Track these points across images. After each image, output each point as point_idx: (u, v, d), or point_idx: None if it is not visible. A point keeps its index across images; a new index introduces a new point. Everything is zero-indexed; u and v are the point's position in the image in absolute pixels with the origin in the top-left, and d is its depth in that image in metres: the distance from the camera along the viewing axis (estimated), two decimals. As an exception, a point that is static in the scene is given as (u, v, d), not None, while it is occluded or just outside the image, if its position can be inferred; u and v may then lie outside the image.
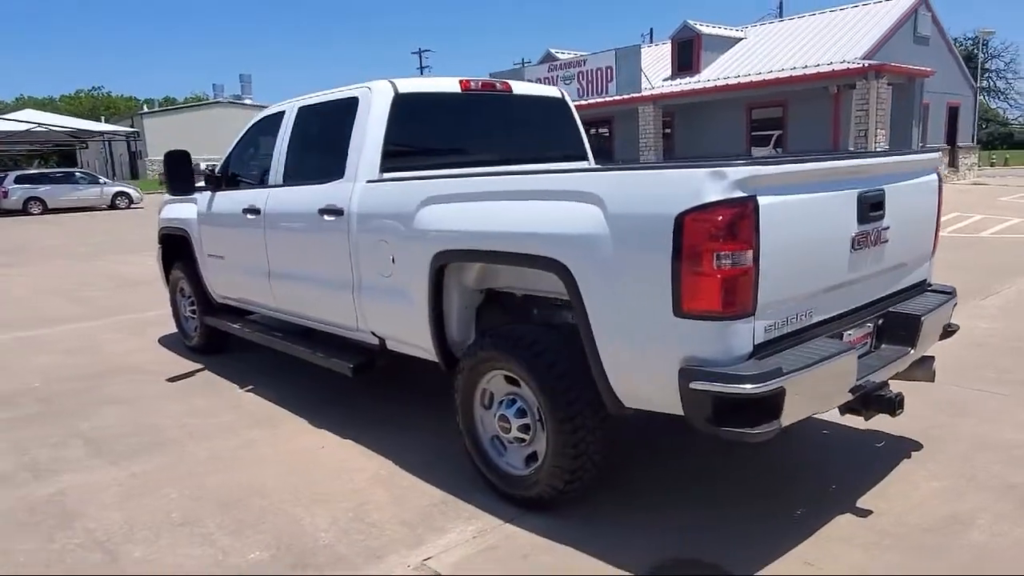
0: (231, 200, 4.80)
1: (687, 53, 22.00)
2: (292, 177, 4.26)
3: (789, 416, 2.30)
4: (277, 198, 4.29)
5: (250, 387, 4.81)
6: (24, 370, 5.49)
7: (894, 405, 2.72)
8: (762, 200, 2.23)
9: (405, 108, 3.75)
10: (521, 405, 2.93)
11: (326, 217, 3.78)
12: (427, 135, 3.98)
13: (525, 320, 3.30)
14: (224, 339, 5.65)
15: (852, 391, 2.61)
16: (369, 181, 3.60)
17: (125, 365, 5.49)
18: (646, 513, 2.90)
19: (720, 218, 2.19)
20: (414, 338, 3.43)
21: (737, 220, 2.19)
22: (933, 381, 3.23)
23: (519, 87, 4.36)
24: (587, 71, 21.79)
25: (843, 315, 2.74)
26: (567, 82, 22.26)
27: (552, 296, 3.09)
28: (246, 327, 4.91)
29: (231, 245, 4.84)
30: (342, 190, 3.70)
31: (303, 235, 4.05)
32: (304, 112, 4.29)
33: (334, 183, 3.77)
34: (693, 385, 2.26)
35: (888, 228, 2.84)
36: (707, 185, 2.21)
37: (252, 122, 4.94)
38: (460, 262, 3.12)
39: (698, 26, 22.14)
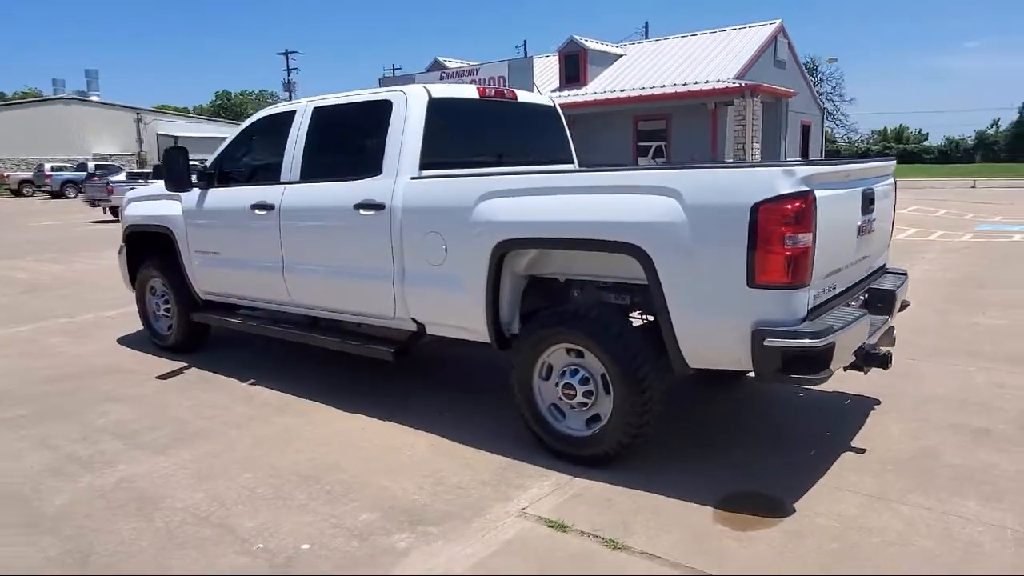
0: (231, 197, 4.86)
1: (574, 66, 23.18)
2: (312, 174, 4.42)
3: (835, 366, 2.88)
4: (296, 194, 4.44)
5: (251, 380, 4.88)
6: (3, 372, 5.23)
7: (887, 361, 3.38)
8: (817, 193, 2.80)
9: (437, 111, 4.06)
10: (584, 374, 3.35)
11: (362, 211, 4.01)
12: (452, 136, 4.29)
13: (564, 303, 3.72)
14: (202, 337, 5.64)
15: (858, 350, 3.25)
16: (412, 178, 3.88)
17: (101, 366, 5.33)
18: (693, 461, 3.40)
19: (789, 207, 2.73)
20: (464, 321, 3.75)
21: (802, 209, 2.75)
22: (894, 346, 3.97)
23: (522, 95, 4.79)
24: (479, 80, 22.34)
25: (848, 289, 3.39)
26: (460, 90, 22.73)
27: (600, 279, 3.54)
28: (250, 321, 4.98)
29: (230, 241, 4.89)
30: (382, 186, 3.95)
31: (333, 229, 4.23)
32: (322, 112, 4.47)
33: (371, 179, 4.01)
34: (767, 343, 2.79)
35: (875, 220, 3.54)
36: (779, 181, 2.75)
37: (249, 122, 5.01)
38: (519, 250, 3.49)
39: (584, 41, 23.38)
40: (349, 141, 4.41)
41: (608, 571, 2.54)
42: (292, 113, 4.64)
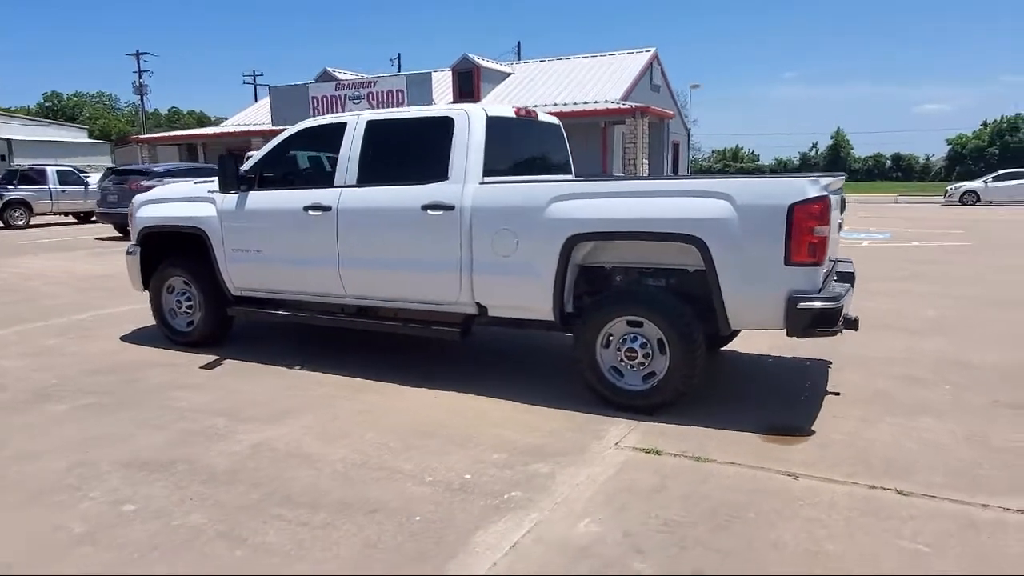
0: (277, 199, 5.30)
1: (468, 82, 24.13)
2: (370, 179, 4.99)
3: (839, 323, 3.94)
4: (355, 197, 4.98)
5: (298, 367, 5.33)
6: (18, 369, 5.27)
7: (856, 324, 4.50)
8: (831, 197, 3.86)
9: (492, 127, 4.81)
10: (643, 340, 4.22)
11: (431, 212, 4.67)
12: (498, 148, 5.02)
13: (607, 287, 4.57)
14: (225, 331, 5.96)
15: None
16: (481, 183, 4.60)
17: (131, 361, 5.54)
18: (720, 407, 4.35)
19: (816, 207, 3.76)
20: (531, 302, 4.51)
21: (823, 208, 3.78)
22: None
23: (541, 116, 5.60)
24: (377, 92, 22.75)
25: (831, 270, 4.50)
26: (356, 102, 23.00)
27: (643, 266, 4.43)
28: (299, 313, 5.43)
29: (276, 240, 5.31)
30: (451, 190, 4.64)
31: (399, 228, 4.83)
32: (378, 125, 5.05)
33: (439, 184, 4.68)
34: (800, 306, 3.80)
35: (840, 221, 4.69)
36: (809, 187, 3.78)
37: (290, 133, 5.45)
38: (586, 242, 4.31)
39: (477, 59, 24.41)
40: (409, 151, 5.02)
41: (708, 475, 3.41)
42: (342, 125, 5.18)
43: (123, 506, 3.15)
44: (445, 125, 4.78)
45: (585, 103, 21.05)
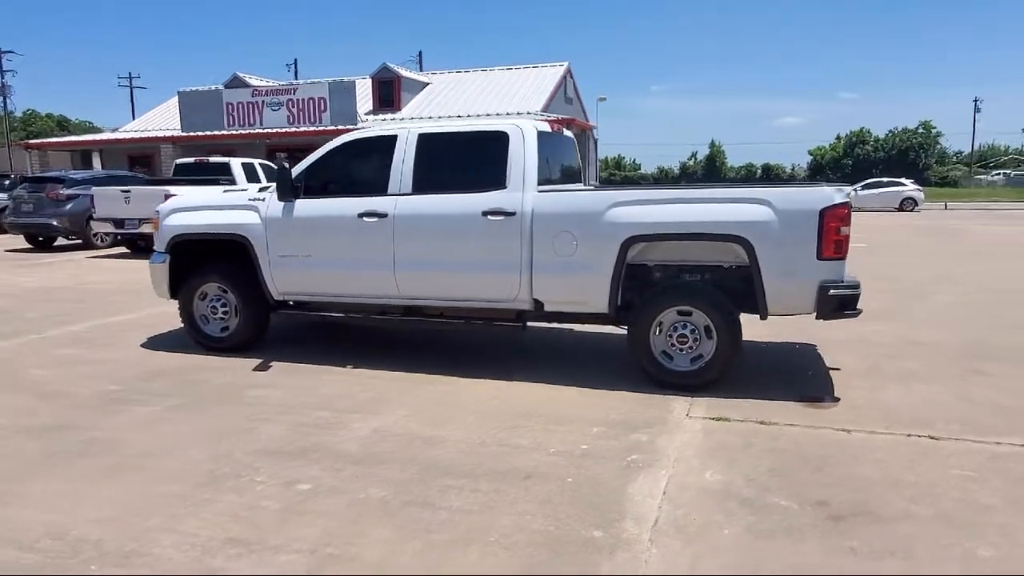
0: (328, 206, 5.59)
1: (388, 91, 24.29)
2: (426, 188, 5.38)
3: (858, 306, 4.75)
4: (411, 204, 5.36)
5: (351, 366, 5.62)
6: (61, 377, 5.26)
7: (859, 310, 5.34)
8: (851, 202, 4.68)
9: (540, 140, 5.35)
10: (692, 327, 4.88)
11: (491, 218, 5.14)
12: (542, 159, 5.54)
13: (649, 282, 5.21)
14: (261, 336, 6.13)
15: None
16: (540, 191, 5.13)
17: (182, 365, 5.64)
18: (752, 385, 5.07)
19: (842, 211, 4.55)
20: (588, 297, 5.06)
21: (847, 212, 4.58)
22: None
23: (565, 130, 6.18)
24: (298, 100, 22.47)
25: None
26: (275, 108, 22.62)
27: (685, 263, 5.09)
28: (354, 314, 5.72)
29: (327, 245, 5.59)
30: (510, 197, 5.13)
31: (459, 232, 5.24)
32: (431, 138, 5.46)
33: (498, 192, 5.16)
34: (830, 293, 4.57)
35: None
36: (836, 195, 4.57)
37: (337, 144, 5.73)
38: (641, 243, 4.92)
39: (397, 69, 24.61)
40: (464, 162, 5.45)
41: (778, 434, 4.10)
42: (393, 137, 5.54)
43: (297, 486, 3.44)
44: (499, 139, 5.27)
45: (507, 113, 21.80)
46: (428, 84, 26.11)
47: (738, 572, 2.68)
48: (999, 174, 69.11)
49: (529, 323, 5.44)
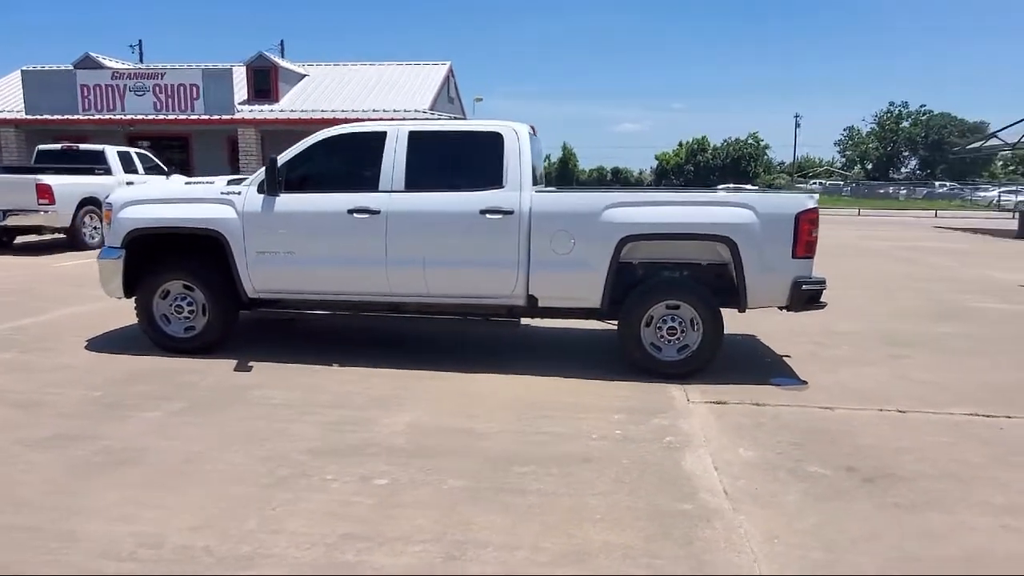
0: (314, 202, 5.48)
1: (264, 81, 23.14)
2: (419, 185, 5.42)
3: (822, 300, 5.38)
4: (405, 201, 5.38)
5: (335, 365, 5.53)
6: (25, 385, 4.78)
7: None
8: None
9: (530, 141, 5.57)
10: (679, 319, 5.31)
11: (489, 216, 5.29)
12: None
13: (635, 279, 5.58)
14: (227, 336, 5.86)
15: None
16: (537, 191, 5.34)
17: (156, 368, 5.30)
18: (728, 371, 5.58)
19: (813, 215, 5.15)
20: (583, 294, 5.34)
21: (816, 216, 5.19)
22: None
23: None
24: (166, 85, 20.84)
25: None
26: (140, 93, 20.86)
27: (663, 261, 5.50)
28: (334, 311, 5.62)
29: (313, 242, 5.47)
30: (509, 196, 5.30)
31: (456, 230, 5.33)
32: (422, 136, 5.50)
33: (495, 191, 5.32)
34: (803, 287, 5.16)
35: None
36: (808, 201, 5.16)
37: (320, 139, 5.60)
38: (635, 242, 5.27)
39: (273, 58, 23.50)
40: (458, 160, 5.54)
41: (777, 414, 4.59)
42: (382, 133, 5.53)
43: (374, 481, 3.45)
44: (494, 139, 5.43)
45: (395, 111, 21.57)
46: (306, 75, 25.19)
47: (822, 528, 3.07)
48: (816, 183, 77.11)
49: (510, 318, 5.62)
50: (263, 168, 5.56)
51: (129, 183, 14.19)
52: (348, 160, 5.69)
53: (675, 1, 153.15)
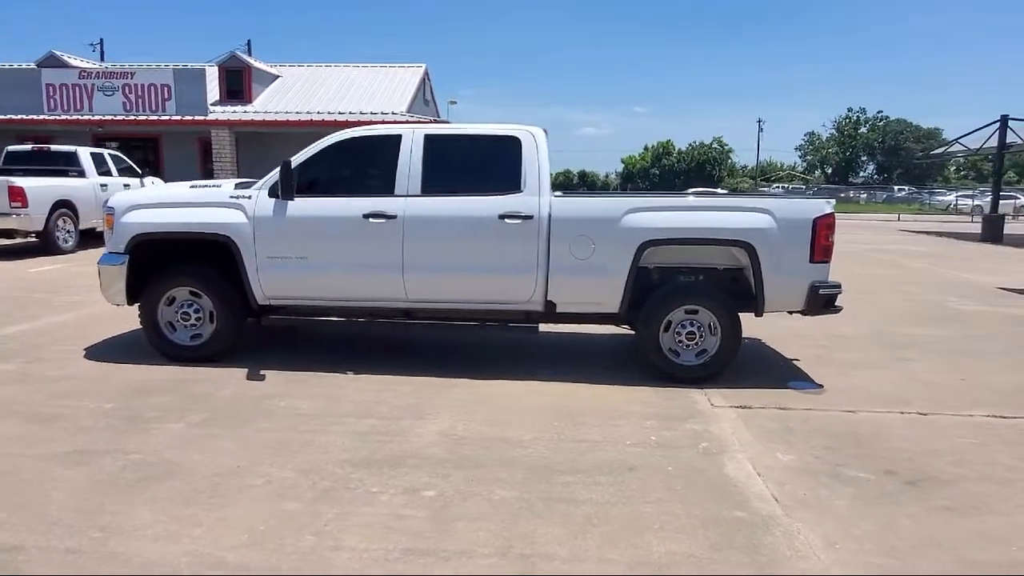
0: (329, 207, 5.36)
1: (238, 82, 22.69)
2: (436, 190, 5.34)
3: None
4: (422, 206, 5.30)
5: (350, 373, 5.41)
6: (32, 397, 4.58)
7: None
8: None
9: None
10: (698, 324, 5.31)
11: (508, 220, 5.24)
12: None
13: (651, 284, 5.57)
14: (236, 343, 5.70)
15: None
16: (555, 195, 5.30)
17: (167, 377, 5.11)
18: (743, 373, 5.61)
19: (830, 220, 5.20)
20: (603, 298, 5.32)
21: (832, 220, 5.24)
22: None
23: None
24: (136, 85, 20.30)
25: None
26: (109, 93, 20.26)
27: (678, 265, 5.51)
28: (346, 317, 5.49)
29: (328, 247, 5.35)
30: (528, 201, 5.26)
31: (475, 235, 5.26)
32: (439, 140, 5.43)
33: (514, 196, 5.27)
34: (820, 291, 5.21)
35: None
36: (825, 206, 5.21)
37: (332, 142, 5.48)
38: (654, 247, 5.26)
39: (247, 58, 23.08)
40: (475, 165, 5.47)
41: (805, 417, 4.62)
42: (397, 137, 5.44)
43: (422, 493, 3.38)
44: (512, 143, 5.38)
45: (372, 113, 21.34)
46: (279, 76, 24.79)
47: (878, 533, 3.08)
48: (779, 187, 78.55)
49: (512, 324, 5.58)
50: (275, 172, 5.43)
51: (103, 185, 13.87)
52: (362, 164, 5.59)
53: (635, 8, 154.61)
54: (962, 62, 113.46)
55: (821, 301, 5.26)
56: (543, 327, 6.12)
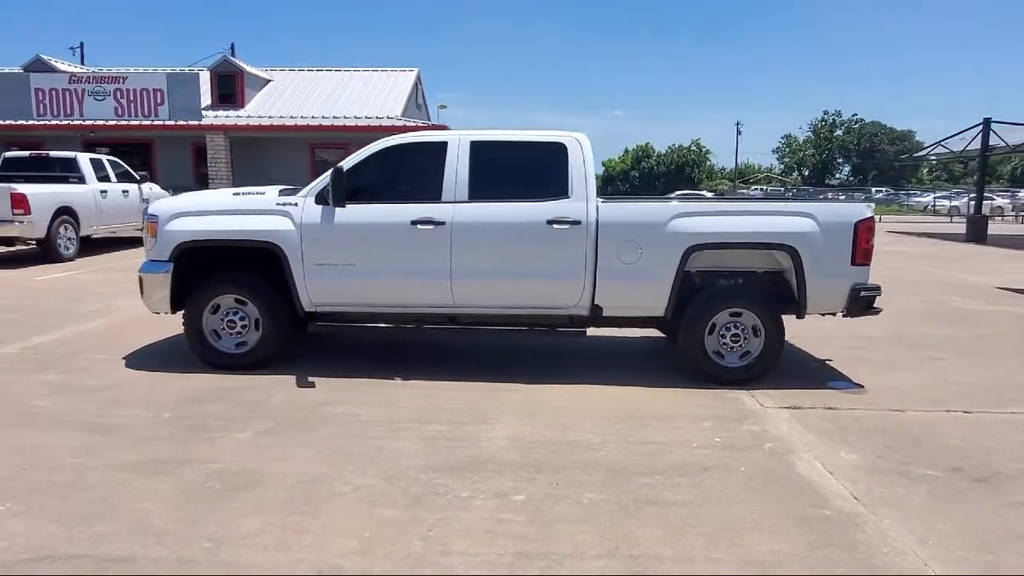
0: (377, 213, 5.38)
1: (230, 86, 22.51)
2: (482, 195, 5.37)
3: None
4: (470, 212, 5.33)
5: (398, 378, 5.43)
6: (83, 405, 4.55)
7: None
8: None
9: (589, 152, 5.61)
10: (742, 326, 5.41)
11: (556, 226, 5.30)
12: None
13: (695, 288, 5.64)
14: (282, 351, 5.68)
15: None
16: (603, 201, 5.37)
17: (215, 386, 5.09)
18: (783, 375, 5.71)
19: (870, 223, 5.33)
20: (648, 302, 5.39)
21: (873, 224, 5.36)
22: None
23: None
24: (128, 90, 20.04)
25: None
26: (100, 98, 19.99)
27: (719, 269, 5.60)
28: (393, 323, 5.54)
29: (377, 254, 5.36)
30: (575, 206, 5.32)
31: (523, 240, 5.30)
32: (485, 146, 5.47)
33: (561, 201, 5.33)
34: (862, 294, 5.33)
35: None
36: (866, 209, 5.33)
37: (377, 149, 5.50)
38: (699, 251, 5.34)
39: (239, 62, 22.91)
40: (521, 170, 5.52)
41: (856, 417, 4.72)
42: (443, 143, 5.48)
43: (512, 497, 3.42)
44: (558, 149, 5.45)
45: (368, 117, 21.29)
46: (270, 80, 24.61)
47: (964, 529, 3.18)
48: (757, 189, 79.41)
49: (573, 328, 5.65)
50: (321, 178, 5.44)
51: (102, 191, 13.71)
52: (407, 170, 5.61)
53: (610, 15, 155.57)
54: (934, 65, 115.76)
55: (862, 303, 5.38)
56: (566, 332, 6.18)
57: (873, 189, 65.53)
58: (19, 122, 20.11)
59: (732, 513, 3.30)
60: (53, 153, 14.03)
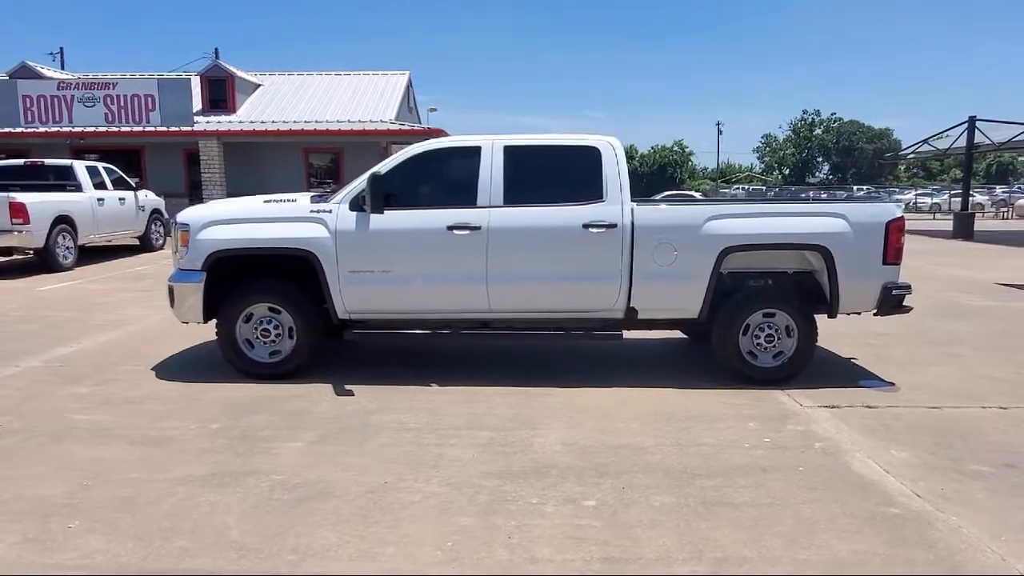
0: (412, 219, 5.37)
1: (220, 91, 22.30)
2: (518, 200, 5.38)
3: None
4: (506, 216, 5.34)
5: (432, 385, 5.42)
6: (128, 417, 4.50)
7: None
8: (901, 217, 5.55)
9: (622, 155, 5.64)
10: (775, 327, 5.46)
11: (592, 230, 5.32)
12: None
13: (727, 289, 5.67)
14: (317, 359, 5.65)
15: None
16: (638, 204, 5.40)
17: (253, 396, 5.06)
18: (814, 374, 5.77)
19: (901, 223, 5.40)
20: (684, 303, 5.43)
21: (903, 224, 5.44)
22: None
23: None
24: (118, 96, 19.77)
25: None
26: (89, 104, 19.71)
27: (749, 270, 5.64)
28: (429, 329, 5.52)
29: (413, 260, 5.35)
30: (611, 210, 5.34)
31: (559, 244, 5.32)
32: (518, 150, 5.47)
33: (596, 205, 5.35)
34: (893, 292, 5.40)
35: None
36: (896, 209, 5.41)
37: (411, 154, 5.48)
38: (734, 252, 5.39)
39: (230, 67, 22.72)
40: (555, 175, 5.54)
41: (897, 415, 4.79)
42: (476, 148, 5.47)
43: (582, 502, 3.43)
44: (592, 153, 5.47)
45: (361, 121, 21.18)
46: (260, 85, 24.42)
47: (1032, 525, 3.24)
48: (739, 188, 79.97)
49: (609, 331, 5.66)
50: (355, 184, 5.43)
51: (99, 199, 13.53)
52: (442, 175, 5.61)
53: (585, 17, 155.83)
54: (910, 65, 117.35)
55: (894, 301, 5.46)
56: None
57: (855, 187, 66.37)
58: (6, 129, 19.79)
59: (802, 513, 3.33)
60: (48, 161, 13.81)
